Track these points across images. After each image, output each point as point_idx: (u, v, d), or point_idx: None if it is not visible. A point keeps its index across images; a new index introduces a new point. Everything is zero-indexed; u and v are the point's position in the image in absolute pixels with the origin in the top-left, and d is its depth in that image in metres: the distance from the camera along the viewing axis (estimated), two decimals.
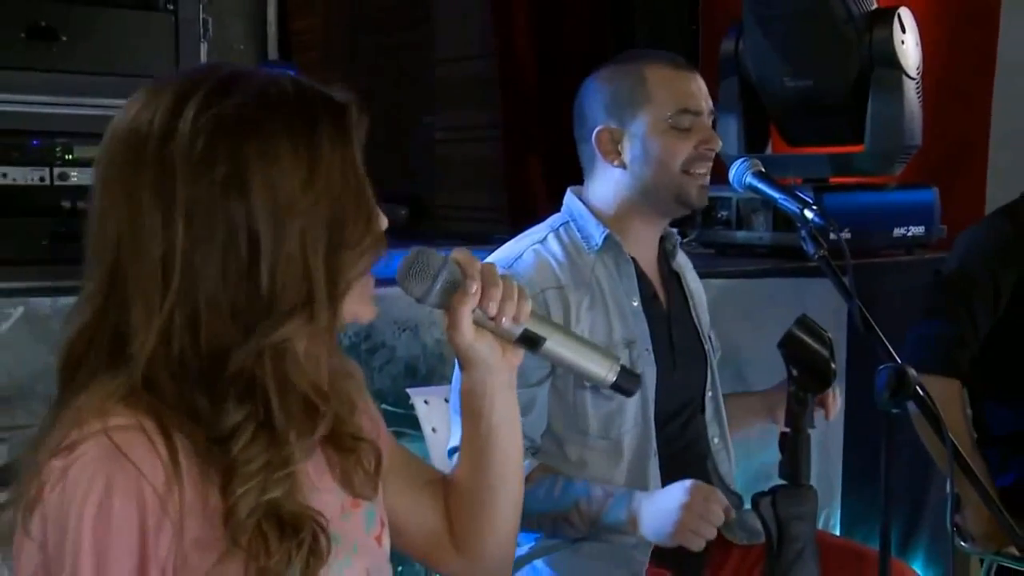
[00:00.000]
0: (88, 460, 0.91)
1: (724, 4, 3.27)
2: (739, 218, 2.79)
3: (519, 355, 1.15)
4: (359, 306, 1.02)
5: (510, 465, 1.19)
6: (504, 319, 1.09)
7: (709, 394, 1.85)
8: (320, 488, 1.03)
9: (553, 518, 1.64)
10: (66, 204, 1.89)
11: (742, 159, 1.80)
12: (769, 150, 2.98)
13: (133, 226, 0.94)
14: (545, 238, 1.77)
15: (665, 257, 1.87)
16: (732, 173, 1.79)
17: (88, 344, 0.97)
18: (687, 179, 1.75)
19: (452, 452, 1.68)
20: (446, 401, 1.82)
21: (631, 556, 1.66)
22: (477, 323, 1.10)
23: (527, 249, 1.74)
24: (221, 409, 0.95)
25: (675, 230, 1.91)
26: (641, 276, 1.79)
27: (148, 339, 0.93)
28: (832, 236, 1.64)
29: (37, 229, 1.87)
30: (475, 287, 1.07)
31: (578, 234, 1.77)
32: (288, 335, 0.95)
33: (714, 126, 1.82)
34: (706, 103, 1.78)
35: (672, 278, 1.87)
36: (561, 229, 1.78)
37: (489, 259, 1.73)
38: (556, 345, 1.12)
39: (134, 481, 0.91)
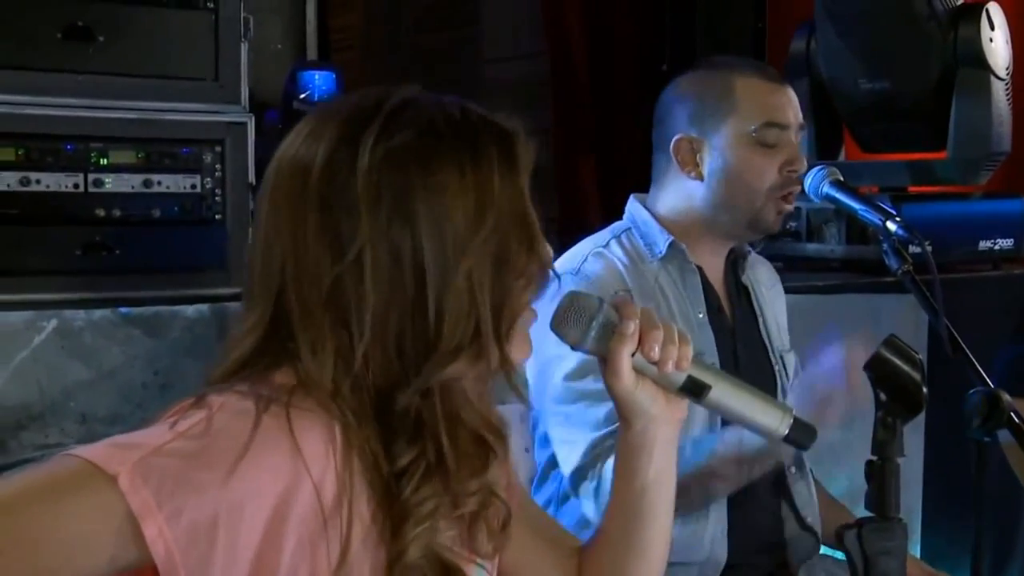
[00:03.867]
0: (246, 413, 0.92)
1: (794, 0, 3.25)
2: (809, 229, 2.76)
3: (683, 407, 1.14)
4: (519, 344, 1.03)
5: (658, 532, 1.17)
6: (667, 364, 1.08)
7: None
8: (443, 535, 1.03)
9: (698, 478, 1.61)
10: (100, 212, 1.90)
11: (818, 167, 1.79)
12: (842, 157, 2.95)
13: (299, 259, 0.97)
14: (608, 243, 1.79)
15: (733, 270, 1.87)
16: (808, 182, 1.79)
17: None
18: (768, 204, 1.75)
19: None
20: None
21: None
22: (638, 370, 1.09)
23: (589, 253, 1.76)
24: (392, 447, 0.96)
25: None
26: (707, 287, 1.80)
27: (317, 375, 0.95)
28: (916, 249, 1.62)
29: (70, 238, 1.88)
30: (632, 327, 1.08)
31: (640, 241, 1.79)
32: (455, 374, 0.97)
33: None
34: (795, 117, 1.78)
35: (740, 292, 1.87)
36: (623, 236, 1.80)
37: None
38: (722, 394, 1.11)
39: (291, 463, 0.92)
